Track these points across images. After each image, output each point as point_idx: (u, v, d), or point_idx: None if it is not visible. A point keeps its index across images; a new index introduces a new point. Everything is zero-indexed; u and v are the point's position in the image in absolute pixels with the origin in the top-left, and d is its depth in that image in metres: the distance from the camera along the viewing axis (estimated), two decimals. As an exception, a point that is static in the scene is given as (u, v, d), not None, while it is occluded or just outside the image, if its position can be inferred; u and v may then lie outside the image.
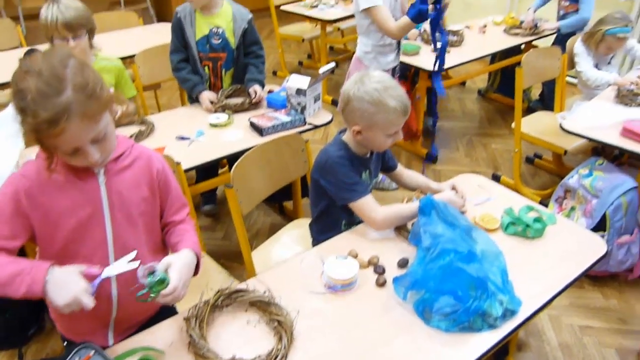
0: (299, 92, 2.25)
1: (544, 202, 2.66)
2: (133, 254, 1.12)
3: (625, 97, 2.47)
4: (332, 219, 1.67)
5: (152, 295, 1.10)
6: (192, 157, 1.99)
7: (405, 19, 2.30)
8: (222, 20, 2.36)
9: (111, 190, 1.16)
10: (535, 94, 4.00)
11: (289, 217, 2.67)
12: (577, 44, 2.92)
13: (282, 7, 4.19)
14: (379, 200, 1.55)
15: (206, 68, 2.41)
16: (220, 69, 2.42)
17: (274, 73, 4.66)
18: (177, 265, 1.14)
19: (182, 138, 2.12)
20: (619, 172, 2.26)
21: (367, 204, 1.52)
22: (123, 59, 2.39)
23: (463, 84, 4.42)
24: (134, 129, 2.11)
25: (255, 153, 1.80)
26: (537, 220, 1.60)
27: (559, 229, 1.61)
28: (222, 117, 2.25)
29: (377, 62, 2.60)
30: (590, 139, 2.26)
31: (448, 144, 3.53)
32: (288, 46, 5.13)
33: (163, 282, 1.10)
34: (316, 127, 2.25)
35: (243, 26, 2.36)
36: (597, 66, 2.91)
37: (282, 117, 2.21)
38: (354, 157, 1.58)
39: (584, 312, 2.22)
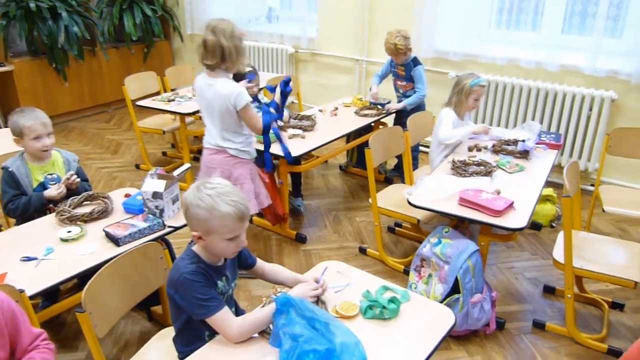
0: (156, 195, 2.23)
1: (407, 269, 2.83)
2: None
3: (459, 168, 2.77)
4: (194, 332, 1.64)
5: None
6: (41, 279, 1.85)
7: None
8: (55, 166, 2.53)
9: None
10: (392, 163, 4.33)
11: (158, 322, 2.55)
12: (444, 111, 3.20)
13: (138, 103, 4.17)
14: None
15: (47, 212, 2.41)
16: None
17: (137, 166, 4.55)
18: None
19: (28, 259, 1.97)
20: (462, 238, 2.49)
21: (221, 320, 1.52)
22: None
23: (325, 160, 4.65)
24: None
25: (109, 269, 1.72)
26: (392, 300, 1.70)
27: (413, 305, 1.73)
28: (73, 230, 2.14)
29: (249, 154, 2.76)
30: (434, 211, 2.49)
31: (316, 222, 3.66)
32: (151, 137, 5.07)
33: None
34: (177, 228, 2.22)
35: (75, 166, 2.60)
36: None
37: (139, 223, 2.16)
38: (206, 268, 1.59)
39: (453, 373, 2.36)
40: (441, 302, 2.41)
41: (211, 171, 2.64)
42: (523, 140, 3.04)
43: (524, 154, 3.00)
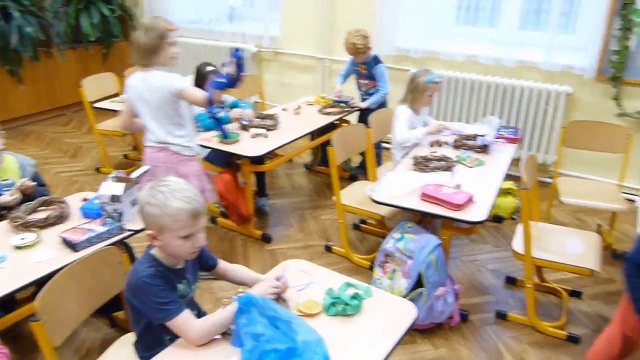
0: (114, 198, 2.18)
1: (373, 266, 2.85)
2: None
3: (420, 164, 2.80)
4: (154, 336, 1.61)
5: None
6: (-6, 288, 1.79)
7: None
8: (8, 171, 2.47)
9: None
10: (356, 161, 4.35)
11: (121, 328, 2.50)
12: (400, 109, 3.23)
13: (97, 105, 4.07)
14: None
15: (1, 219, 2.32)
16: None
17: (97, 170, 4.45)
18: None
19: (-20, 268, 1.90)
20: (425, 233, 2.52)
21: (181, 323, 1.50)
22: None
23: (290, 159, 4.64)
24: None
25: (64, 276, 1.67)
26: (355, 296, 1.71)
27: (375, 301, 1.73)
28: (28, 236, 2.07)
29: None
30: (396, 207, 2.51)
31: (281, 222, 3.64)
32: (111, 139, 4.96)
33: None
34: (136, 232, 2.17)
35: (31, 171, 2.53)
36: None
37: (97, 227, 2.10)
38: (166, 271, 1.56)
39: (419, 366, 2.39)
40: (405, 296, 2.43)
41: (156, 170, 2.58)
42: (482, 135, 3.11)
43: (484, 149, 3.05)
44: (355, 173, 4.25)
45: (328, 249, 3.28)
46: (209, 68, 3.38)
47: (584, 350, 2.45)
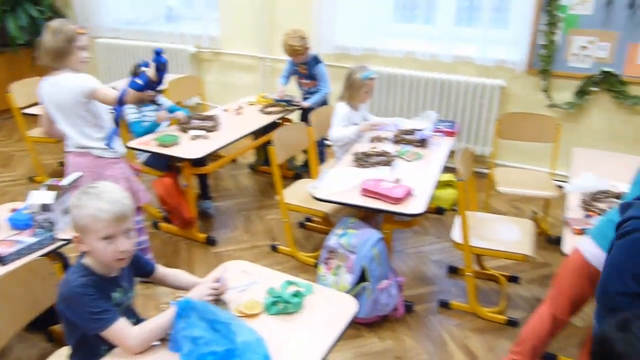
0: (45, 207, 2.09)
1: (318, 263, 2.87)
2: None
3: (360, 159, 2.84)
4: (90, 348, 1.55)
5: None
6: None
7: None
8: None
9: None
10: (301, 159, 4.35)
11: (59, 342, 2.40)
12: (338, 105, 3.25)
13: (27, 111, 3.89)
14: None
15: None
16: None
17: (31, 179, 4.25)
18: None
19: None
20: (367, 227, 2.56)
21: (117, 332, 1.46)
22: None
23: (234, 160, 4.60)
24: None
25: (-10, 291, 1.60)
26: (296, 294, 1.71)
27: (317, 298, 1.74)
28: (-50, 252, 1.95)
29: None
30: (337, 203, 2.53)
31: (226, 224, 3.60)
32: (45, 146, 4.74)
33: None
34: (70, 241, 2.09)
35: None
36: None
37: (26, 239, 2.01)
38: (98, 280, 1.51)
39: (366, 359, 2.41)
40: (350, 291, 2.46)
41: (81, 177, 2.49)
42: (421, 130, 3.18)
43: (422, 143, 3.12)
44: (300, 171, 4.26)
45: (274, 248, 3.27)
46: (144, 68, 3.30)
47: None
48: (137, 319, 1.74)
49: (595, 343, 1.14)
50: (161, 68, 2.36)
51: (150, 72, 2.35)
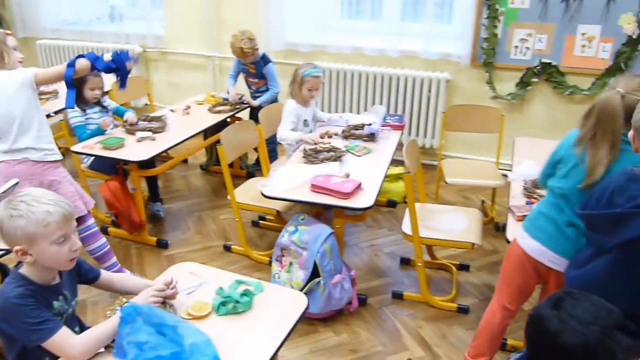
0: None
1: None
2: None
3: (310, 156, 2.84)
4: (32, 361, 1.50)
5: None
6: None
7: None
8: None
9: None
10: (253, 158, 4.32)
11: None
12: (287, 102, 3.24)
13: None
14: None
15: None
16: None
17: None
18: None
19: None
20: (318, 223, 2.57)
21: (60, 341, 1.42)
22: None
23: (185, 161, 4.52)
24: None
25: None
26: (245, 293, 1.70)
27: (267, 296, 1.74)
28: None
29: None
30: (287, 200, 2.53)
31: (178, 226, 3.54)
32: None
33: None
34: (8, 251, 2.01)
35: None
36: (305, 122, 3.32)
37: (-40, 251, 1.92)
38: (37, 289, 1.46)
39: (321, 354, 2.42)
40: (303, 287, 2.47)
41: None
42: (369, 124, 3.21)
43: (371, 137, 3.16)
44: (253, 170, 4.24)
45: (227, 248, 3.24)
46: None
47: (473, 319, 2.63)
48: (81, 328, 1.69)
49: (530, 322, 1.19)
50: (118, 62, 2.41)
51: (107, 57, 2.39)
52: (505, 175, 3.29)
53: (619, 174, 1.56)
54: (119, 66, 2.40)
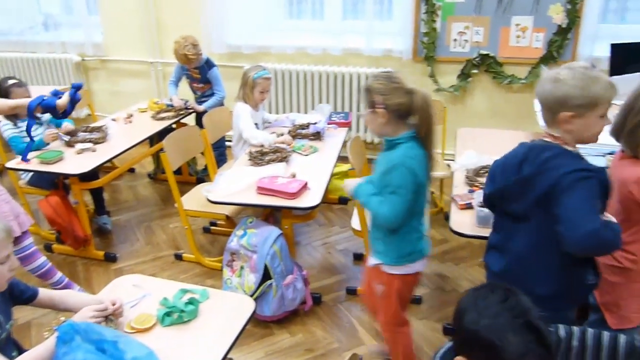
0: None
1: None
2: None
3: (256, 158, 2.82)
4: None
5: None
6: None
7: None
8: None
9: None
10: (202, 164, 4.26)
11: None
12: (238, 105, 3.17)
13: None
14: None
15: None
16: None
17: None
18: None
19: None
20: (266, 225, 2.55)
21: None
22: None
23: (132, 170, 4.42)
24: None
25: None
26: (191, 302, 1.67)
27: (213, 302, 1.72)
28: None
29: None
30: (233, 204, 2.51)
31: (127, 238, 3.45)
32: None
33: None
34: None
35: None
36: (256, 125, 3.27)
37: None
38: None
39: (277, 356, 2.41)
40: (255, 291, 2.45)
41: None
42: (315, 123, 3.22)
43: (317, 136, 3.17)
44: (202, 176, 4.16)
45: (178, 257, 3.18)
46: (11, 82, 3.11)
47: (425, 309, 2.68)
48: (18, 351, 1.62)
49: (454, 316, 1.19)
50: (74, 103, 2.47)
51: (63, 102, 2.43)
52: (449, 166, 3.37)
53: (519, 147, 1.67)
54: (71, 107, 2.42)
